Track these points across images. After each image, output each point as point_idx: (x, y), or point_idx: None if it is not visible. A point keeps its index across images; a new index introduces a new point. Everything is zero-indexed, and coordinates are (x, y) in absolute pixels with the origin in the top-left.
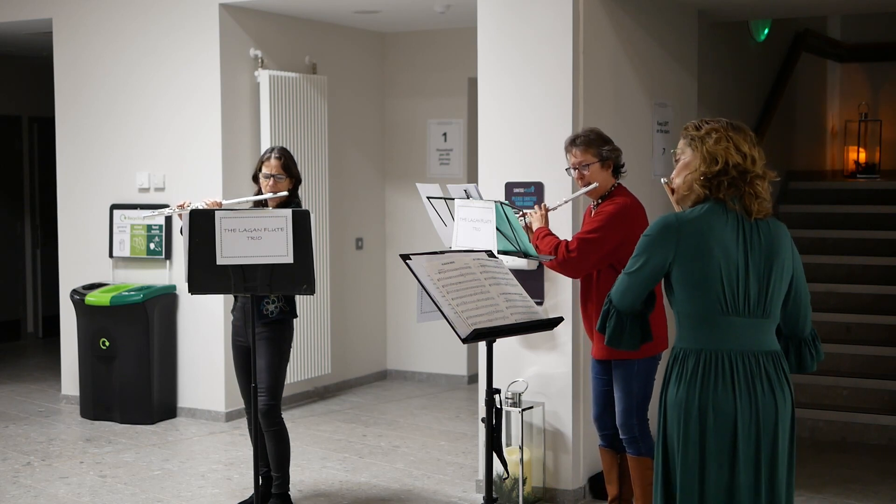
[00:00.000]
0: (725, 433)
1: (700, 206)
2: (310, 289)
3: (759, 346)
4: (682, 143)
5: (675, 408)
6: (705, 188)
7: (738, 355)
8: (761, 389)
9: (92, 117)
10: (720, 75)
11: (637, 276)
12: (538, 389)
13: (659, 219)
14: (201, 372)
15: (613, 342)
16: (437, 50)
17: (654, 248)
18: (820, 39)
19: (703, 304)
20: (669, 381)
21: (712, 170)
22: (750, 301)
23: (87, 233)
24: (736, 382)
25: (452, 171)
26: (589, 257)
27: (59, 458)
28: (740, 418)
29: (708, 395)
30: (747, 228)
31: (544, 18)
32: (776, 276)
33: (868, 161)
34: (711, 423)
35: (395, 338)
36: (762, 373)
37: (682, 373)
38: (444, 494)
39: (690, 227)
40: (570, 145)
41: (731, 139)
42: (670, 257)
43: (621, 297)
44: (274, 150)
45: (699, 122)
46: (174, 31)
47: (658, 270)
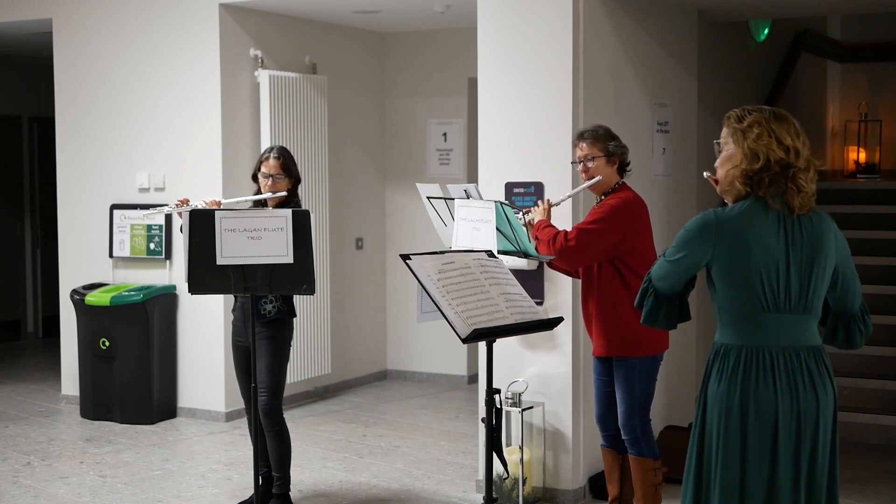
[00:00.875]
0: (766, 428)
1: (740, 204)
2: (310, 289)
3: (801, 341)
4: (725, 132)
5: (716, 402)
6: (746, 185)
7: (779, 351)
8: (802, 385)
9: (92, 117)
10: (720, 75)
11: (676, 265)
12: (538, 389)
13: (699, 216)
14: (201, 372)
15: (650, 320)
16: (437, 50)
17: (692, 245)
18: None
19: (743, 302)
20: (710, 376)
21: (753, 167)
22: (791, 298)
23: (87, 233)
24: (777, 378)
25: (452, 171)
26: (587, 248)
27: (59, 458)
28: (781, 414)
29: (749, 391)
30: (789, 225)
31: (544, 18)
32: (818, 272)
33: (868, 161)
34: (752, 418)
35: (395, 338)
36: (803, 369)
37: (723, 367)
38: (444, 494)
39: (729, 225)
40: (578, 139)
41: (774, 132)
42: (708, 256)
43: (661, 280)
44: (273, 150)
45: (742, 111)
46: (174, 31)
47: (694, 266)
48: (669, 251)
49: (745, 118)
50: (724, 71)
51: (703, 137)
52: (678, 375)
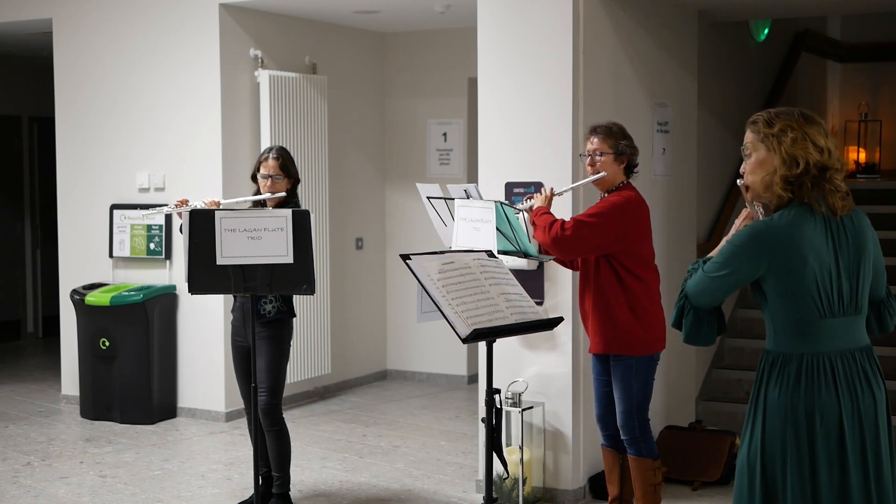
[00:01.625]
0: (833, 435)
1: (787, 212)
2: (310, 289)
3: (855, 342)
4: (752, 137)
5: (779, 413)
6: (787, 191)
7: (838, 356)
8: (860, 387)
9: (92, 117)
10: (720, 75)
11: (719, 281)
12: (538, 389)
13: (747, 228)
14: (201, 372)
15: (691, 339)
16: (437, 50)
17: (743, 259)
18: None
19: (800, 311)
20: (768, 385)
21: (793, 172)
22: (844, 300)
23: (87, 233)
24: (838, 384)
25: (452, 171)
26: (582, 240)
27: (59, 458)
28: (846, 419)
29: (814, 399)
30: (834, 228)
31: (544, 18)
32: (864, 271)
33: (868, 161)
34: (819, 427)
35: (395, 338)
36: (859, 370)
37: (783, 376)
38: (444, 494)
39: (782, 236)
40: (591, 133)
41: (808, 135)
42: (762, 270)
43: (699, 296)
44: (272, 151)
45: (770, 115)
46: (174, 31)
47: (743, 281)
48: (712, 266)
49: (774, 122)
50: (724, 71)
51: (703, 137)
52: (678, 375)
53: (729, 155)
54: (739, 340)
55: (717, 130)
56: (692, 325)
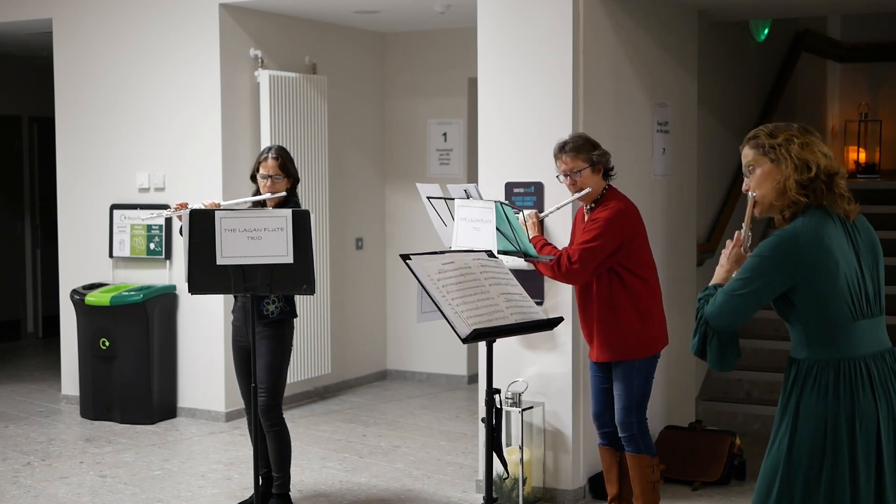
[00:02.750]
0: (871, 439)
1: (808, 218)
2: (310, 289)
3: (884, 343)
4: (752, 152)
5: (818, 421)
6: (802, 195)
7: (871, 359)
8: (893, 389)
9: (92, 117)
10: (720, 75)
11: (747, 298)
12: (538, 389)
13: (774, 238)
14: (201, 372)
15: (717, 365)
16: (437, 50)
17: (774, 270)
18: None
19: (834, 315)
20: (802, 392)
21: (806, 176)
22: (870, 301)
23: (87, 233)
24: (875, 387)
25: (452, 171)
26: (590, 265)
27: (59, 458)
28: (882, 422)
29: (853, 405)
30: (850, 230)
31: (544, 18)
32: (881, 270)
33: (868, 161)
34: (859, 431)
35: (395, 338)
36: (890, 372)
37: (819, 384)
38: (444, 494)
39: (812, 241)
40: (560, 152)
41: (812, 143)
42: (796, 278)
43: (724, 318)
44: (271, 150)
45: (770, 129)
46: (174, 31)
47: (777, 292)
48: (737, 284)
49: (777, 134)
50: (724, 71)
51: (703, 137)
52: (678, 375)
53: (729, 155)
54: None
55: (717, 130)
56: (718, 352)
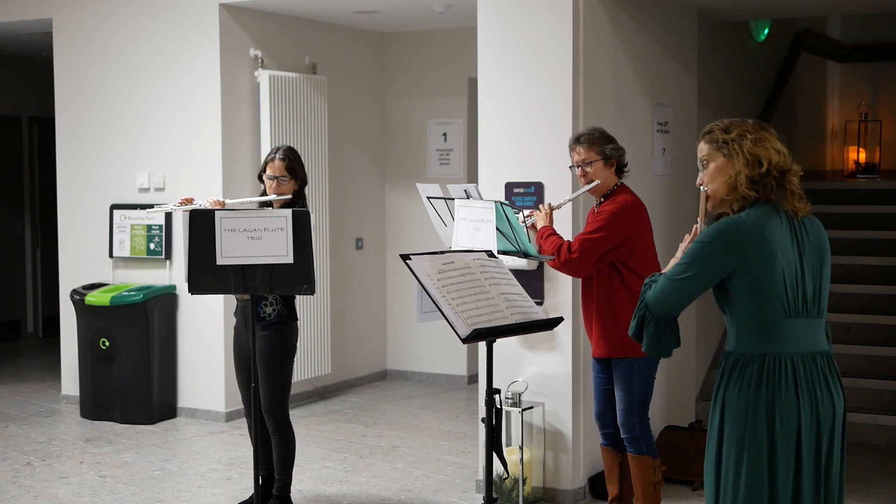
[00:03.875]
0: (791, 437)
1: (754, 210)
2: (310, 289)
3: (817, 346)
4: (706, 147)
5: (738, 413)
6: (752, 190)
7: (800, 358)
8: (820, 391)
9: (92, 117)
10: (720, 75)
11: (687, 283)
12: (538, 389)
13: (716, 225)
14: (201, 372)
15: (653, 349)
16: (437, 50)
17: (714, 256)
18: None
19: (766, 310)
20: (727, 386)
21: (756, 172)
22: (808, 301)
23: (87, 233)
24: (799, 386)
25: (452, 171)
26: (591, 257)
27: (59, 458)
28: (803, 421)
29: (774, 401)
30: (797, 228)
31: (544, 18)
32: (826, 274)
33: (868, 161)
34: (779, 428)
35: (395, 338)
36: (820, 375)
37: (743, 377)
38: (444, 494)
39: (752, 231)
40: (574, 143)
41: (765, 139)
42: (732, 265)
43: (663, 304)
44: (279, 152)
45: (725, 124)
46: (174, 31)
47: (713, 279)
48: (678, 269)
49: (731, 129)
50: (724, 71)
51: None
52: (678, 375)
53: None
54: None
55: None
56: (654, 336)
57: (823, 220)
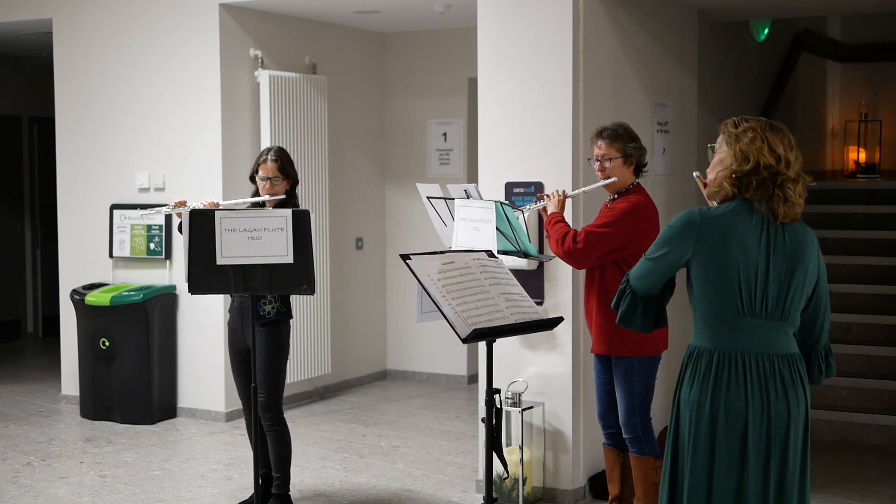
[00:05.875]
0: (735, 434)
1: (726, 205)
2: (310, 289)
3: (775, 348)
4: (720, 138)
5: (687, 406)
6: (734, 187)
7: (752, 357)
8: (774, 392)
9: (92, 117)
10: (720, 75)
11: (656, 263)
12: (538, 389)
13: (683, 213)
14: (201, 372)
15: (625, 321)
16: (437, 50)
17: (674, 241)
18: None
19: (719, 304)
20: (683, 380)
21: (742, 168)
22: (768, 303)
23: (87, 233)
24: (748, 384)
25: (452, 171)
26: (594, 250)
27: (59, 458)
28: (751, 420)
29: (720, 395)
30: (772, 231)
31: (544, 18)
32: (798, 281)
33: (868, 161)
34: (723, 423)
35: (395, 338)
36: (776, 375)
37: (695, 371)
38: (444, 494)
39: (712, 224)
40: (597, 137)
41: (767, 139)
42: (688, 253)
43: (639, 280)
44: (270, 152)
45: (739, 119)
46: (174, 31)
47: (675, 263)
48: (650, 249)
49: (740, 124)
50: (724, 71)
51: (703, 137)
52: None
53: None
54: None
55: (716, 130)
56: (628, 308)
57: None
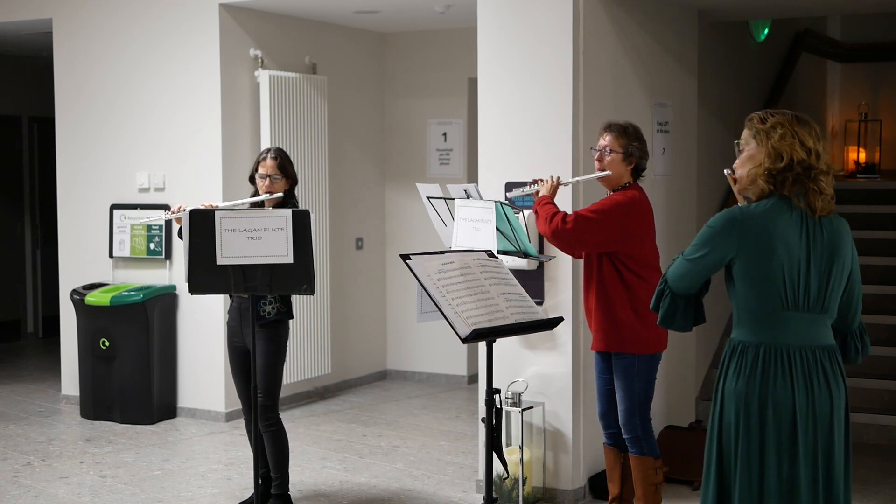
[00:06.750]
0: (784, 426)
1: (765, 202)
2: (310, 289)
3: (817, 340)
4: (746, 133)
5: (733, 399)
6: (770, 184)
7: (797, 350)
8: (818, 383)
9: (92, 117)
10: (720, 75)
11: (696, 264)
12: (538, 389)
13: (724, 212)
14: (201, 372)
15: (666, 322)
16: (437, 50)
17: (716, 241)
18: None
19: (763, 300)
20: (727, 373)
21: (777, 166)
22: (810, 297)
23: (87, 233)
24: (794, 376)
25: (452, 171)
26: (582, 235)
27: (59, 458)
28: (799, 411)
29: (768, 389)
30: (811, 225)
31: (544, 18)
32: (836, 273)
33: (868, 161)
34: (771, 415)
35: (395, 338)
36: (819, 367)
37: (741, 365)
38: (444, 494)
39: (755, 222)
40: (605, 129)
41: (797, 134)
42: (732, 252)
43: (678, 281)
44: (270, 151)
45: (764, 113)
46: (174, 31)
47: (717, 263)
48: (689, 250)
49: (768, 119)
50: (724, 71)
51: (703, 137)
52: (678, 375)
53: (729, 155)
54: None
55: (717, 130)
56: (668, 309)
57: None
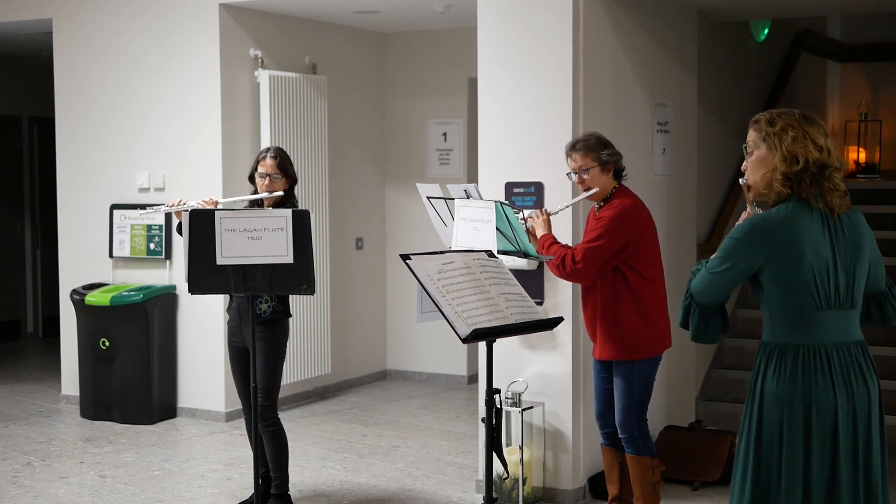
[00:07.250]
0: (827, 426)
1: (784, 206)
2: (310, 289)
3: (850, 336)
4: (753, 136)
5: (776, 403)
6: (787, 187)
7: (833, 348)
8: (855, 380)
9: (92, 117)
10: (720, 75)
11: (722, 276)
12: (538, 389)
13: (746, 222)
14: (201, 372)
15: (699, 336)
16: (437, 50)
17: (744, 251)
18: (820, 39)
19: (797, 302)
20: (766, 376)
21: (793, 169)
22: (840, 294)
23: (87, 233)
24: (834, 375)
25: (452, 171)
26: (595, 265)
27: (59, 458)
28: (840, 410)
29: (810, 390)
30: (832, 224)
31: (544, 18)
32: (861, 266)
33: (868, 161)
34: (815, 416)
35: (395, 338)
36: (854, 363)
37: (780, 367)
38: (444, 494)
39: (779, 229)
40: (571, 150)
41: (808, 134)
42: (761, 261)
43: (703, 294)
44: (270, 150)
45: (771, 115)
46: (174, 31)
47: (744, 273)
48: (714, 262)
49: (776, 121)
50: (724, 71)
51: (703, 137)
52: (678, 375)
53: (729, 155)
54: (739, 340)
55: (717, 130)
56: (699, 324)
57: None
